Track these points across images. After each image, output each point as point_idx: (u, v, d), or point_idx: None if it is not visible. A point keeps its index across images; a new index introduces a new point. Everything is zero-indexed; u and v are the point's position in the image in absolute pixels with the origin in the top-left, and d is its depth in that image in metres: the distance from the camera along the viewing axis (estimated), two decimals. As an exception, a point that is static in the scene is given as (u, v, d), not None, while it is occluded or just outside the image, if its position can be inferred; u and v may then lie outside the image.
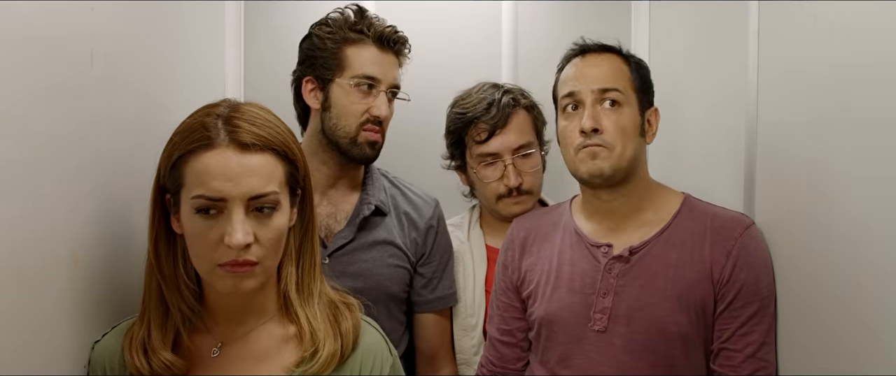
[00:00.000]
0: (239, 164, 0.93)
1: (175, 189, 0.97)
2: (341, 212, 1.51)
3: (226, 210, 0.93)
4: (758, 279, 1.23)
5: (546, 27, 1.97)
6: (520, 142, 1.57)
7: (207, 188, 0.93)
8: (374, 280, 1.46)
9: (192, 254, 0.98)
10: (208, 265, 0.96)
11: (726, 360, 1.23)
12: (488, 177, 1.60)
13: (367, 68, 1.45)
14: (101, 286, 1.10)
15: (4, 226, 0.87)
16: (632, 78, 1.31)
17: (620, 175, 1.28)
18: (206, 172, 0.93)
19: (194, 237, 0.95)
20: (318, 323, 1.02)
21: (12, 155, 0.88)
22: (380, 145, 1.50)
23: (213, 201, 0.93)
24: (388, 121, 1.50)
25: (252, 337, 1.04)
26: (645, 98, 1.32)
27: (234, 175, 0.93)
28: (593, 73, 1.30)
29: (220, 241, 0.93)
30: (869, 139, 0.99)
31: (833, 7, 1.07)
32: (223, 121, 0.96)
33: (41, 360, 0.96)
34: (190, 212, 0.95)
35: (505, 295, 1.44)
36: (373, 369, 1.04)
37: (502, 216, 1.63)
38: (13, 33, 0.88)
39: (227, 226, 0.93)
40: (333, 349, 1.00)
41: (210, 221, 0.94)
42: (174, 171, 0.96)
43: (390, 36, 1.47)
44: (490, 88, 1.61)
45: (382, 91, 1.46)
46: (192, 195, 0.94)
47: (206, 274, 0.98)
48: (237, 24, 1.88)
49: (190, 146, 0.95)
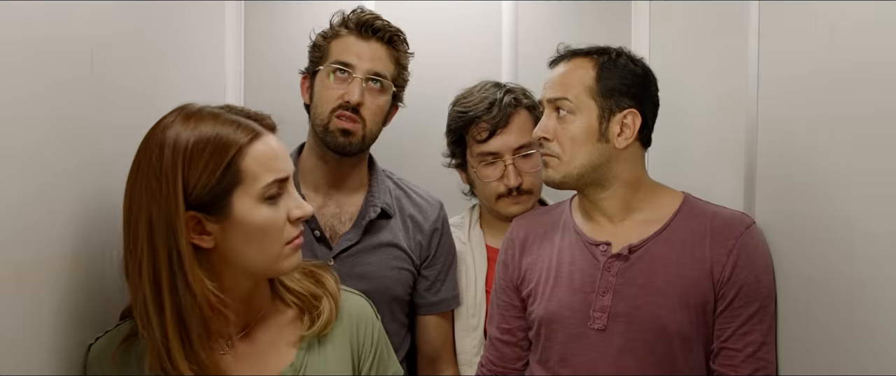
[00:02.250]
0: (281, 147, 1.02)
1: (223, 194, 0.95)
2: (346, 213, 1.50)
3: (284, 190, 1.00)
4: (758, 278, 1.23)
5: (546, 27, 1.97)
6: (520, 142, 1.57)
7: (277, 170, 0.98)
8: (378, 282, 1.46)
9: (251, 251, 0.98)
10: (278, 248, 1.00)
11: (726, 360, 1.23)
12: (488, 177, 1.60)
13: (342, 55, 1.44)
14: (100, 287, 1.10)
15: (4, 227, 0.87)
16: (593, 84, 1.28)
17: (575, 182, 1.30)
18: (273, 157, 0.98)
19: (263, 228, 0.98)
20: (309, 288, 1.10)
21: (13, 155, 0.88)
22: (358, 135, 1.44)
23: (283, 182, 0.99)
24: (374, 113, 1.45)
25: (254, 330, 1.07)
26: (614, 102, 1.28)
27: (284, 155, 1.01)
28: (552, 81, 1.33)
29: (286, 221, 1.00)
30: (869, 138, 0.99)
31: (833, 7, 1.07)
32: (246, 116, 1.00)
33: (41, 360, 0.96)
34: (254, 204, 0.97)
35: (505, 294, 1.44)
36: (366, 333, 1.12)
37: (502, 216, 1.63)
38: (13, 34, 0.88)
39: (293, 202, 1.01)
40: (330, 306, 1.08)
41: (275, 205, 0.99)
42: (226, 174, 0.94)
43: (368, 23, 1.45)
44: (492, 87, 1.61)
45: (357, 78, 1.43)
46: (264, 184, 0.97)
47: (274, 260, 1.01)
48: (237, 24, 1.88)
49: (242, 141, 0.96)
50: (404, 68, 1.52)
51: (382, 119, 1.49)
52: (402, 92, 1.54)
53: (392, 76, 1.48)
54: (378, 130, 1.49)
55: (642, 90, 1.31)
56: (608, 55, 1.31)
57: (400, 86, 1.52)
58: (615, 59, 1.30)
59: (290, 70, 1.59)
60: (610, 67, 1.29)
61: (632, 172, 1.31)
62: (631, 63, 1.31)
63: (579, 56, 1.32)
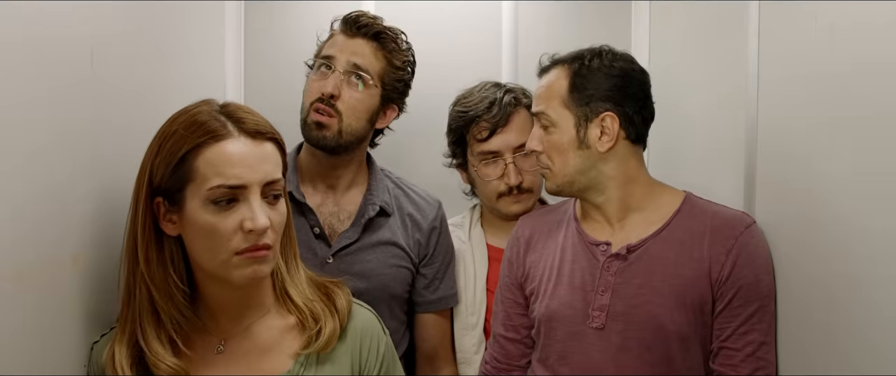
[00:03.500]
0: (253, 152, 0.98)
1: (177, 187, 0.97)
2: (344, 211, 1.51)
3: (242, 197, 0.96)
4: (758, 278, 1.23)
5: (546, 27, 1.97)
6: (520, 141, 1.57)
7: (227, 176, 0.95)
8: (377, 280, 1.46)
9: (200, 250, 0.99)
10: (224, 256, 0.97)
11: (726, 359, 1.23)
12: (489, 176, 1.60)
13: (326, 50, 1.46)
14: (101, 287, 1.10)
15: (5, 227, 0.87)
16: (566, 94, 1.30)
17: (569, 189, 1.33)
18: (226, 161, 0.96)
19: (207, 230, 0.96)
20: (314, 304, 1.06)
21: (13, 155, 0.88)
22: (333, 129, 1.42)
23: (234, 189, 0.96)
24: (351, 108, 1.43)
25: (253, 330, 1.06)
26: (589, 108, 1.28)
27: (252, 162, 0.97)
28: (535, 94, 1.37)
29: (237, 230, 0.96)
30: (869, 139, 0.99)
31: (833, 7, 1.07)
32: (223, 115, 0.99)
33: (41, 360, 0.96)
34: (201, 205, 0.96)
35: (509, 292, 1.44)
36: (371, 348, 1.09)
37: (502, 214, 1.63)
38: (13, 34, 0.88)
39: (248, 212, 0.96)
40: (333, 326, 1.05)
41: (226, 211, 0.96)
42: (179, 168, 0.97)
43: (354, 20, 1.45)
44: (492, 87, 1.62)
45: (337, 71, 1.43)
46: (210, 186, 0.95)
47: (221, 266, 0.98)
48: (237, 24, 1.88)
49: (199, 140, 0.96)
50: (397, 68, 1.49)
51: (365, 115, 1.46)
52: (399, 94, 1.52)
53: (378, 73, 1.46)
54: (359, 127, 1.45)
55: (620, 91, 1.29)
56: (581, 61, 1.31)
57: (391, 85, 1.49)
58: (589, 64, 1.30)
59: (290, 70, 1.59)
60: (583, 74, 1.30)
61: (624, 172, 1.31)
62: (607, 64, 1.30)
63: (557, 65, 1.34)
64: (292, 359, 1.04)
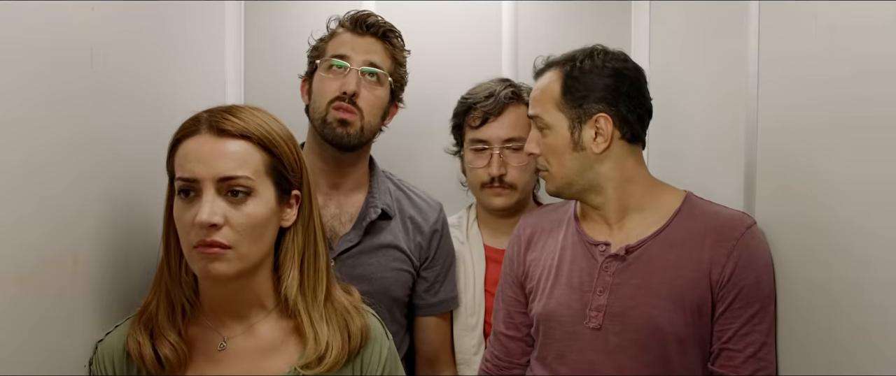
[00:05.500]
0: (212, 148, 0.99)
1: (172, 178, 1.03)
2: (346, 213, 1.50)
3: (198, 192, 0.99)
4: (758, 279, 1.23)
5: (546, 27, 1.97)
6: (510, 135, 1.58)
7: (184, 170, 0.99)
8: (378, 283, 1.46)
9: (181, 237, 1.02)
10: (186, 248, 1.00)
11: (727, 360, 1.23)
12: (474, 163, 1.62)
13: (338, 49, 1.46)
14: (101, 287, 1.11)
15: (6, 227, 0.87)
16: (559, 97, 1.30)
17: (568, 191, 1.34)
18: (185, 155, 1.00)
19: (177, 220, 1.01)
20: (322, 326, 1.05)
21: (13, 156, 0.88)
22: (356, 126, 1.43)
23: (189, 182, 0.99)
24: (372, 105, 1.45)
25: (256, 330, 1.06)
26: (582, 110, 1.28)
27: (207, 157, 0.99)
28: (531, 98, 1.37)
29: (192, 223, 0.98)
30: (869, 139, 0.99)
31: (833, 7, 1.07)
32: (210, 113, 1.03)
33: (41, 360, 0.96)
34: (176, 197, 1.01)
35: (510, 290, 1.44)
36: (373, 352, 1.10)
37: (487, 207, 1.64)
38: (13, 34, 0.88)
39: (200, 206, 0.98)
40: (340, 353, 1.04)
41: (188, 204, 0.99)
42: (169, 161, 1.03)
43: (362, 19, 1.47)
44: (499, 82, 1.64)
45: (354, 69, 1.44)
46: (176, 177, 1.00)
47: (187, 258, 1.01)
48: (237, 24, 1.88)
49: (178, 136, 1.03)
50: (401, 65, 1.52)
51: (381, 113, 1.49)
52: (401, 91, 1.54)
53: (388, 71, 1.48)
54: (377, 124, 1.49)
55: (613, 90, 1.29)
56: (573, 63, 1.31)
57: (397, 83, 1.52)
58: (581, 65, 1.30)
59: (290, 70, 1.59)
60: (575, 76, 1.30)
61: (622, 172, 1.31)
62: (599, 64, 1.29)
63: (550, 68, 1.35)
64: (291, 370, 1.04)
